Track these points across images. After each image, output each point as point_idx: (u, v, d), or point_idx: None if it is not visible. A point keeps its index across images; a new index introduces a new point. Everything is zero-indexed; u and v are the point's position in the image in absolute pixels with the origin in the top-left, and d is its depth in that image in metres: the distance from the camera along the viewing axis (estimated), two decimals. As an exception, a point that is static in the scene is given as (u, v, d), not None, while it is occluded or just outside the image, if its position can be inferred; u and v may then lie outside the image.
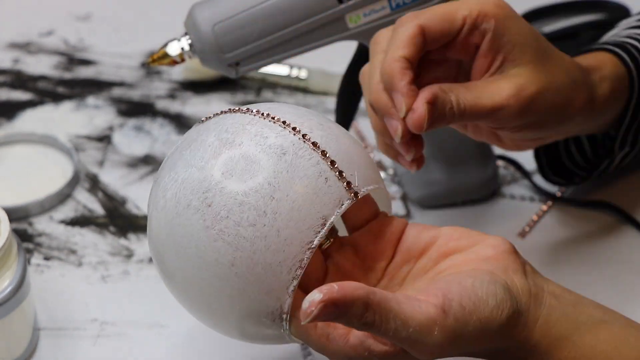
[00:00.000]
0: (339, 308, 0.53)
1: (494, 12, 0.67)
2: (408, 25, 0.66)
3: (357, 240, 0.64)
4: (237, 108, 0.63)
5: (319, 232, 0.58)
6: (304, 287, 0.60)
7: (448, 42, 0.67)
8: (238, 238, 0.58)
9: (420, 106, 0.63)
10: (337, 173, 0.59)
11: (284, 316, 0.59)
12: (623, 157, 0.81)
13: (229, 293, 0.59)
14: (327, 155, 0.59)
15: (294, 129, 0.60)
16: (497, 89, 0.66)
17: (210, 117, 0.64)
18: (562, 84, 0.69)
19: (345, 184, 0.59)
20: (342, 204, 0.59)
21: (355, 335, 0.57)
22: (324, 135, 0.61)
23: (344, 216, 0.64)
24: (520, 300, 0.58)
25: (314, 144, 0.60)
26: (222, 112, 0.63)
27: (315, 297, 0.53)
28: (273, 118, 0.61)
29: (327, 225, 0.58)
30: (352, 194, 0.59)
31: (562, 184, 0.84)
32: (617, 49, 0.76)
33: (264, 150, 0.59)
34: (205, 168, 0.59)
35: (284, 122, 0.61)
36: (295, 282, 0.58)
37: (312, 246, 0.58)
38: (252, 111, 0.62)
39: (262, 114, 0.61)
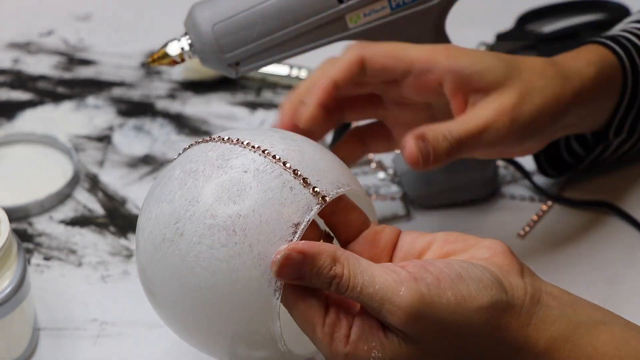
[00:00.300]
0: (306, 257, 0.56)
1: (444, 54, 0.71)
2: (350, 53, 0.71)
3: (352, 250, 0.64)
4: (201, 139, 0.64)
5: (291, 240, 0.58)
6: None
7: (398, 79, 0.71)
8: (213, 261, 0.58)
9: (409, 141, 0.68)
10: (302, 180, 0.60)
11: (277, 324, 0.59)
12: (619, 145, 0.81)
13: (219, 316, 0.59)
14: (289, 165, 0.60)
15: (253, 147, 0.61)
16: (479, 110, 0.70)
17: (180, 154, 0.65)
18: (541, 85, 0.72)
19: (311, 190, 0.60)
20: (312, 210, 0.59)
21: (354, 332, 0.57)
22: (285, 148, 0.61)
23: (336, 231, 0.64)
24: (513, 294, 0.58)
25: (274, 157, 0.60)
26: (189, 146, 0.64)
27: (282, 247, 0.57)
28: (233, 141, 0.62)
29: (298, 232, 0.59)
30: (320, 198, 0.60)
31: (557, 175, 0.84)
32: (606, 40, 0.77)
33: (226, 171, 0.60)
34: (174, 200, 0.60)
35: (243, 142, 0.61)
36: (278, 294, 0.58)
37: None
38: (214, 139, 0.63)
39: (223, 139, 0.62)
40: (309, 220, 0.59)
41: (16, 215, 0.85)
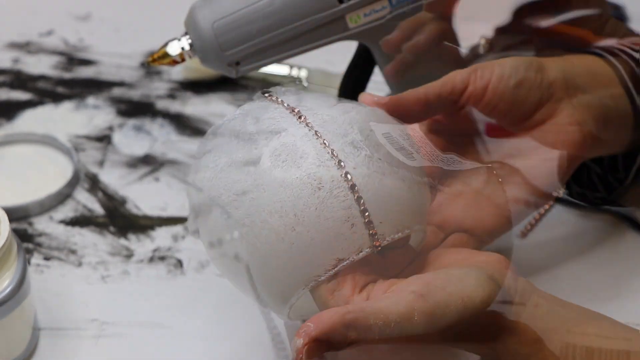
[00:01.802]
0: (322, 342, 0.55)
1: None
2: None
3: None
4: (296, 111, 0.61)
5: (330, 271, 0.58)
6: None
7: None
8: (253, 247, 0.58)
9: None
10: (366, 221, 0.58)
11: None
12: None
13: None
14: (362, 201, 0.58)
15: (339, 162, 0.58)
16: None
17: (277, 104, 0.62)
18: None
19: (370, 231, 0.58)
20: (361, 251, 0.58)
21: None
22: (369, 173, 0.58)
23: None
24: (509, 289, 0.59)
25: (352, 186, 0.58)
26: (277, 100, 0.62)
27: (297, 343, 0.56)
28: (321, 139, 0.59)
29: (338, 267, 0.58)
30: (375, 244, 0.58)
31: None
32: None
33: (301, 178, 0.58)
34: (249, 168, 0.60)
35: (332, 151, 0.59)
36: (287, 310, 0.60)
37: (318, 280, 0.59)
38: (307, 122, 0.60)
39: (316, 133, 0.59)
40: (352, 261, 0.58)
41: (16, 215, 0.85)
